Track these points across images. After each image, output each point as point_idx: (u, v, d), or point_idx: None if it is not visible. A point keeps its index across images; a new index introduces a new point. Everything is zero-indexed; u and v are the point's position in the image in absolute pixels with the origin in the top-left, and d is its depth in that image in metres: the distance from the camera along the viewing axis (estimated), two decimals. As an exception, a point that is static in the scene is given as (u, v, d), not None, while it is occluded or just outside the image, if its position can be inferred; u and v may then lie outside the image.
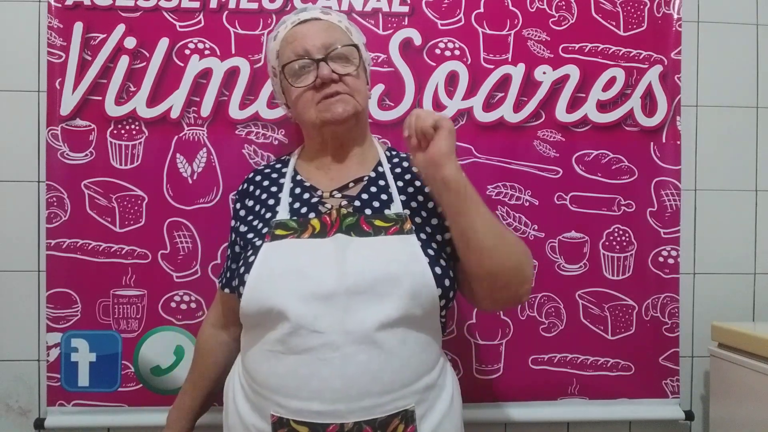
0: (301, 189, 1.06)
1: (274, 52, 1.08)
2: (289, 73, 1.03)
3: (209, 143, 1.38)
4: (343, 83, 1.01)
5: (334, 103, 1.01)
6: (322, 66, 1.00)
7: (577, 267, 1.42)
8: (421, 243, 0.96)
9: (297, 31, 1.04)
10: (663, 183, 1.43)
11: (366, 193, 1.04)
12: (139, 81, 1.36)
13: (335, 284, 0.90)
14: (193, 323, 1.36)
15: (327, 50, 1.01)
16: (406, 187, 1.06)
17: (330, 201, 1.03)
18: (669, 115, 1.43)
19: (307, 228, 0.98)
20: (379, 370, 0.89)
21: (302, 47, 1.01)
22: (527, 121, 1.41)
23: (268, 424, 0.91)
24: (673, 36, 1.44)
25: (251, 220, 1.06)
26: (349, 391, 0.87)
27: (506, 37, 1.41)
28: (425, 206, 1.04)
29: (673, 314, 1.43)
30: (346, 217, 0.99)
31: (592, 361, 1.42)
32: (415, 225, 1.00)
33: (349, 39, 1.05)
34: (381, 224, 0.98)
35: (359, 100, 1.03)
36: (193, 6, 1.38)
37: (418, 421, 0.91)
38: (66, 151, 1.36)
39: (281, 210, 1.02)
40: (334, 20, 1.07)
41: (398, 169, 1.09)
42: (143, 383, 1.36)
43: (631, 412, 1.43)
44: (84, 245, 1.36)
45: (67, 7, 1.36)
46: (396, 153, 1.15)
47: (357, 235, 0.96)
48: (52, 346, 1.35)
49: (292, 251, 0.96)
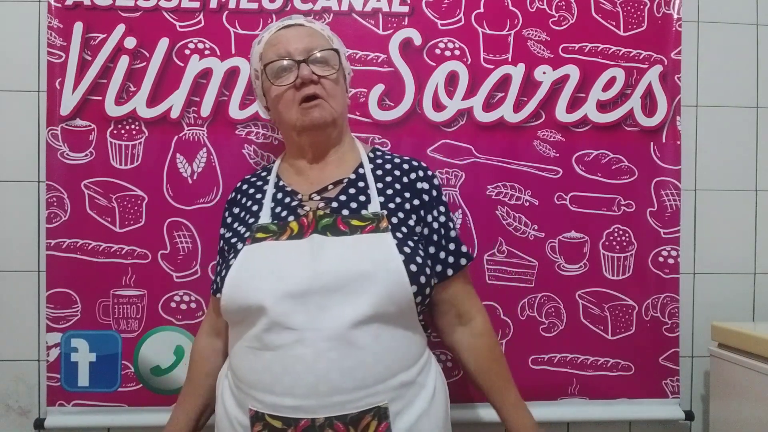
0: (283, 194, 1.09)
1: (257, 55, 1.11)
2: (270, 73, 1.06)
3: (209, 143, 1.38)
4: (321, 86, 1.05)
5: (311, 108, 1.04)
6: (302, 67, 1.03)
7: (577, 267, 1.42)
8: (397, 241, 0.98)
9: (280, 34, 1.08)
10: (663, 183, 1.43)
11: (344, 194, 1.06)
12: (139, 81, 1.36)
13: (309, 282, 0.93)
14: (193, 323, 1.36)
15: (308, 53, 1.05)
16: (385, 189, 1.08)
17: (309, 204, 1.06)
18: (669, 115, 1.43)
19: (286, 230, 1.01)
20: (350, 367, 0.90)
21: (285, 49, 1.05)
22: (527, 121, 1.41)
23: (247, 417, 0.94)
24: (673, 36, 1.44)
25: (236, 227, 1.09)
26: (320, 387, 0.89)
27: (506, 37, 1.41)
28: (403, 206, 1.06)
29: (673, 314, 1.43)
30: (322, 218, 1.01)
31: (592, 361, 1.42)
32: (392, 224, 1.02)
33: (329, 45, 1.09)
34: (357, 223, 1.00)
35: (335, 107, 1.06)
36: (193, 6, 1.38)
37: (392, 418, 0.93)
38: (66, 151, 1.36)
39: (263, 215, 1.05)
40: (317, 28, 1.11)
41: (380, 171, 1.11)
42: (143, 383, 1.36)
43: (631, 412, 1.42)
44: (84, 245, 1.36)
45: (67, 7, 1.36)
46: (381, 153, 1.17)
47: (333, 235, 0.98)
48: (52, 346, 1.35)
49: (270, 252, 0.98)
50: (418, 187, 1.10)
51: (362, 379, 0.91)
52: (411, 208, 1.06)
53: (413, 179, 1.11)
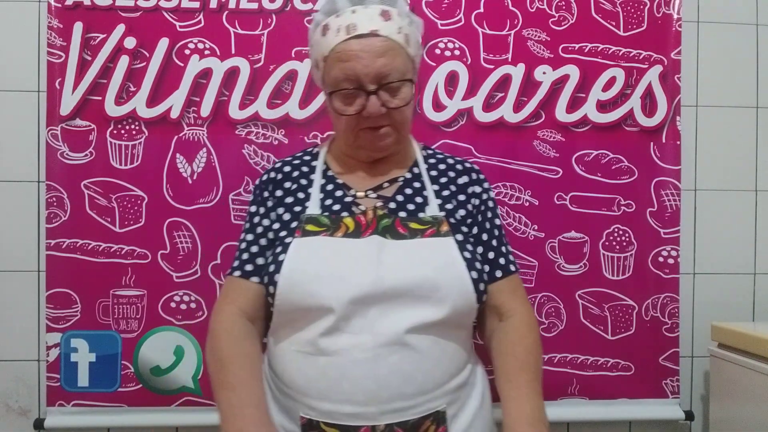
0: (333, 186, 1.03)
1: (320, 54, 0.98)
2: (334, 94, 0.97)
3: (209, 143, 1.38)
4: (389, 117, 0.96)
5: (376, 138, 0.97)
6: (371, 100, 0.93)
7: (577, 267, 1.42)
8: (458, 244, 0.95)
9: (351, 48, 0.93)
10: (663, 183, 1.43)
11: (401, 194, 1.01)
12: (139, 81, 1.36)
13: (372, 287, 0.88)
14: (192, 323, 1.36)
15: (380, 80, 0.93)
16: (441, 190, 1.04)
17: (364, 201, 1.00)
18: (669, 115, 1.43)
19: (340, 226, 0.95)
20: (411, 371, 0.88)
21: (353, 72, 0.93)
22: (527, 121, 1.41)
23: (297, 425, 0.90)
24: (673, 36, 1.43)
25: (281, 213, 1.01)
26: (381, 393, 0.86)
27: (506, 37, 1.41)
28: (459, 209, 1.02)
29: (673, 314, 1.43)
30: (382, 218, 0.96)
31: (592, 361, 1.42)
32: (451, 226, 0.98)
33: (405, 68, 0.96)
34: (417, 227, 0.96)
35: (402, 132, 1.00)
36: (193, 6, 1.38)
37: (449, 421, 0.91)
38: (66, 151, 1.36)
39: (312, 205, 0.98)
40: (393, 32, 0.95)
41: (434, 171, 1.07)
42: (143, 383, 1.36)
43: (631, 412, 1.43)
44: (84, 245, 1.36)
45: (67, 7, 1.36)
46: (432, 153, 1.12)
47: (392, 238, 0.94)
48: (52, 346, 1.35)
49: (329, 251, 0.93)
50: (471, 191, 1.06)
51: (422, 383, 0.88)
52: (466, 212, 1.03)
53: (467, 182, 1.06)
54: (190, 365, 1.36)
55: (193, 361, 1.37)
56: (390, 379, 0.87)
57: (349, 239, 0.94)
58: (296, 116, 1.38)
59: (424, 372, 0.89)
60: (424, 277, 0.90)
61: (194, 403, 1.36)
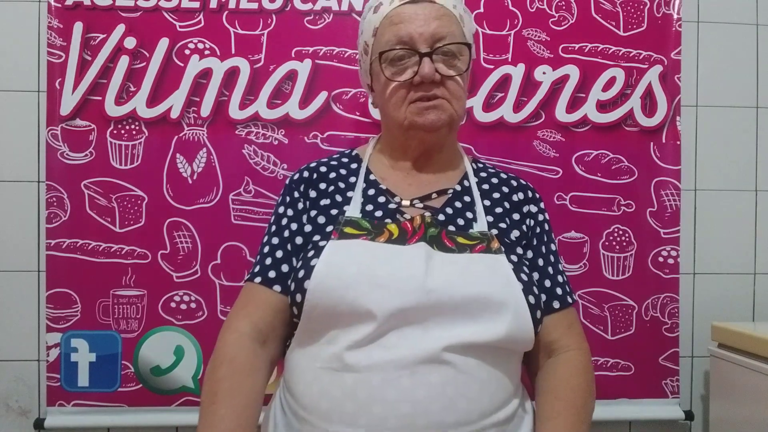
0: (376, 191, 0.94)
1: (372, 28, 0.92)
2: (384, 59, 0.90)
3: (209, 143, 1.38)
4: (443, 87, 0.89)
5: (429, 109, 0.89)
6: (425, 62, 0.86)
7: (577, 267, 1.42)
8: (513, 266, 0.85)
9: (405, 11, 0.88)
10: (663, 183, 1.43)
11: (450, 207, 0.93)
12: (139, 81, 1.36)
13: (418, 299, 0.78)
14: (192, 323, 1.36)
15: (435, 43, 0.87)
16: (493, 207, 0.95)
17: (409, 210, 0.91)
18: (669, 115, 1.43)
19: (383, 232, 0.86)
20: (454, 396, 0.76)
21: (407, 33, 0.87)
22: (527, 121, 1.41)
23: None
24: (673, 36, 1.43)
25: (315, 216, 0.92)
26: (418, 420, 0.74)
27: (506, 37, 1.41)
28: (512, 229, 0.93)
29: (672, 314, 1.43)
30: (430, 226, 0.87)
31: (592, 361, 1.41)
32: (504, 246, 0.88)
33: (462, 34, 0.91)
34: (464, 242, 0.87)
35: (456, 109, 0.91)
36: (193, 6, 1.38)
37: None
38: (66, 151, 1.36)
39: (351, 209, 0.90)
40: (449, 5, 0.91)
41: (485, 185, 0.98)
42: (143, 383, 1.36)
43: (631, 412, 1.43)
44: (84, 245, 1.36)
45: (67, 7, 1.36)
46: (483, 166, 1.04)
47: (439, 249, 0.85)
48: (52, 346, 1.35)
49: (368, 255, 0.83)
50: (527, 210, 0.97)
51: (466, 411, 0.76)
52: (521, 233, 0.93)
53: (522, 200, 0.98)
54: (190, 365, 1.37)
55: (193, 361, 1.37)
56: (428, 405, 0.75)
57: (392, 245, 0.84)
58: (296, 116, 1.38)
59: (469, 399, 0.77)
60: (479, 293, 0.80)
61: (194, 403, 1.36)
